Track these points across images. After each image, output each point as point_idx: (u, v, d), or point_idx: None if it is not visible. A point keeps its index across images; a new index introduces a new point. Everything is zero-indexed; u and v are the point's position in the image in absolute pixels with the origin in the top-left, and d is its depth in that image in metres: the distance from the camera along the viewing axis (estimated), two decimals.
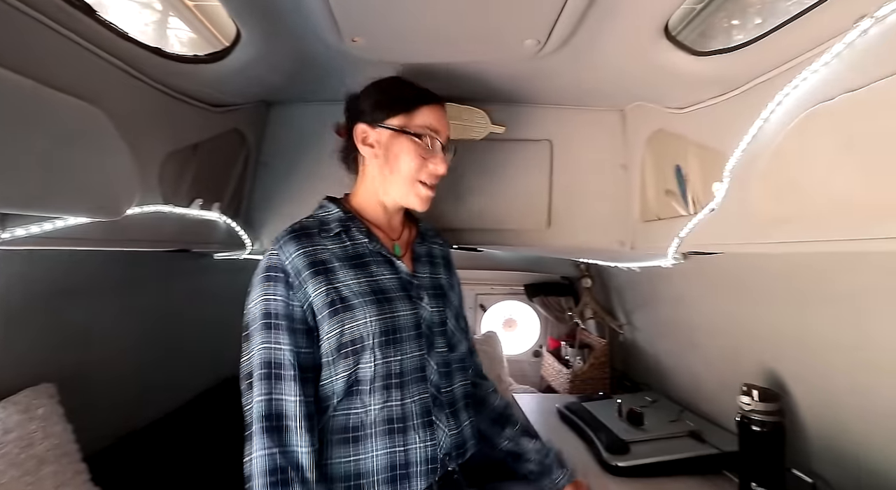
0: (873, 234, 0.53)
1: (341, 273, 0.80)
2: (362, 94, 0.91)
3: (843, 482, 0.94)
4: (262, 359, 0.75)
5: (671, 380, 1.60)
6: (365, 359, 0.78)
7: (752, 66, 0.70)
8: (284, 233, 0.82)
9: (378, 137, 0.86)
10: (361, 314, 0.78)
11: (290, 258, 0.78)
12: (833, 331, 0.90)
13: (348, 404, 0.79)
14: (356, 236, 0.86)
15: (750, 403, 0.99)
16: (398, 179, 0.86)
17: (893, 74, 0.49)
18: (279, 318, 0.76)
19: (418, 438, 0.80)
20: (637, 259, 1.29)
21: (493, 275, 2.27)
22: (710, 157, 0.88)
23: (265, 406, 0.73)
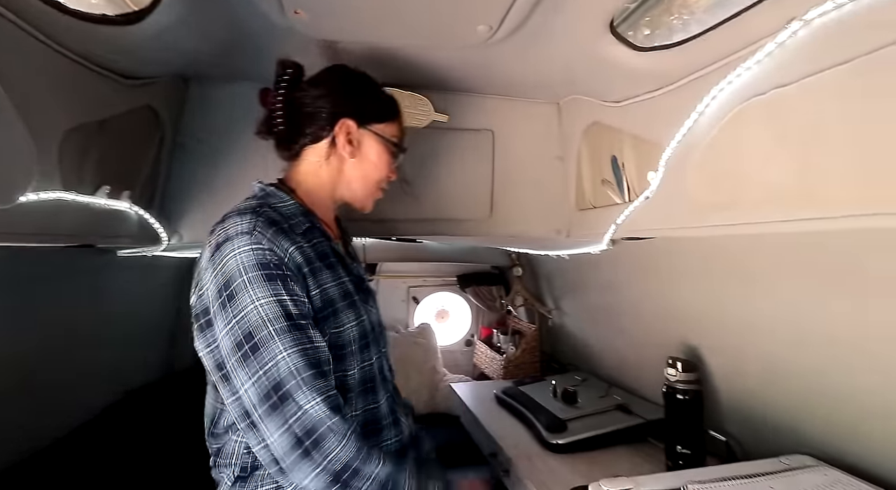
0: (800, 215, 0.61)
1: (323, 274, 0.75)
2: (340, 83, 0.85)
3: (750, 438, 1.07)
4: (307, 359, 0.66)
5: (598, 359, 1.71)
6: (349, 365, 0.75)
7: (689, 63, 0.76)
8: (263, 225, 0.69)
9: (360, 138, 0.84)
10: (345, 319, 0.75)
11: (287, 252, 0.70)
12: (743, 307, 1.02)
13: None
14: (316, 234, 0.80)
15: (675, 374, 1.09)
16: (366, 183, 0.86)
17: (820, 71, 0.56)
18: (303, 316, 0.68)
19: (391, 436, 0.80)
20: (570, 246, 1.35)
21: (425, 267, 2.27)
22: (645, 148, 0.94)
23: (330, 404, 0.66)
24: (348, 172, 0.85)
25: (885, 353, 0.75)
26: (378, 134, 0.86)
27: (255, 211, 0.72)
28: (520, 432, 1.38)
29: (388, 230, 1.18)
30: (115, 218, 0.88)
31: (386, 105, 0.89)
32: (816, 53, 0.56)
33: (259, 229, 0.69)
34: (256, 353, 0.65)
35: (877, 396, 0.78)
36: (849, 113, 0.55)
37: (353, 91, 0.86)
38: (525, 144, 1.25)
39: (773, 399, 1.00)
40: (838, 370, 0.84)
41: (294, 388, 0.64)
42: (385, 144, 0.86)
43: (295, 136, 0.84)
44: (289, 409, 0.63)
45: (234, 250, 0.67)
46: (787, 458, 0.88)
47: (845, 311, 0.79)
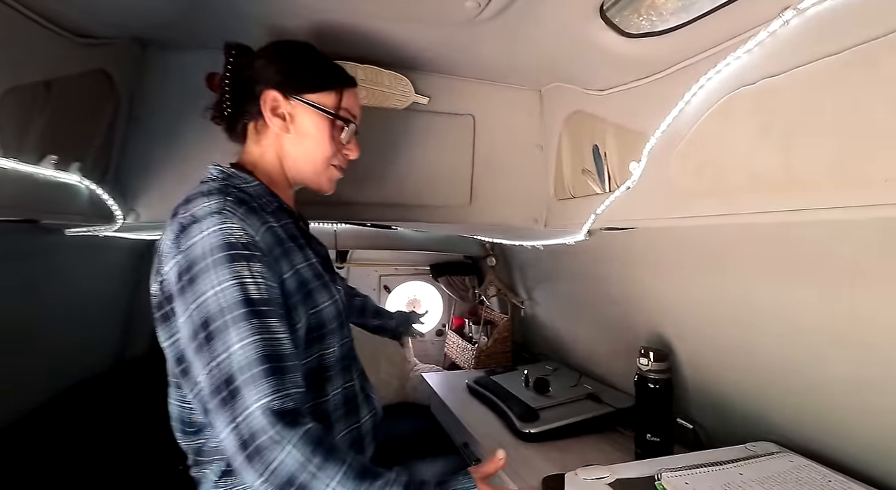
0: (783, 206, 0.61)
1: (295, 255, 0.72)
2: (273, 55, 0.80)
3: (716, 426, 1.10)
4: (262, 352, 0.60)
5: (569, 348, 1.73)
6: (330, 343, 0.74)
7: (678, 50, 0.76)
8: (232, 204, 0.65)
9: (291, 110, 0.78)
10: (320, 298, 0.73)
11: (258, 234, 0.65)
12: (714, 296, 1.04)
13: (312, 395, 0.72)
14: (284, 215, 0.77)
15: (647, 364, 1.10)
16: (311, 161, 0.81)
17: (811, 62, 0.56)
18: (268, 303, 0.62)
19: (365, 411, 0.82)
20: (547, 237, 1.35)
21: (398, 255, 2.22)
22: (628, 138, 0.93)
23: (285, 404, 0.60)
24: (290, 149, 0.80)
25: (853, 344, 0.77)
26: (312, 104, 0.79)
27: (223, 191, 0.67)
28: (492, 422, 1.37)
29: (364, 214, 1.14)
30: (63, 191, 0.80)
31: (325, 74, 0.82)
32: (808, 43, 0.56)
33: (229, 208, 0.64)
34: (211, 342, 0.60)
35: (845, 385, 0.81)
36: (837, 105, 0.55)
37: (284, 61, 0.80)
38: (506, 131, 1.23)
39: (740, 387, 1.03)
40: (806, 360, 0.87)
41: (244, 384, 0.58)
42: (323, 116, 0.79)
43: (237, 115, 0.80)
44: (238, 405, 0.58)
45: (203, 231, 0.63)
46: (753, 445, 0.90)
47: (814, 301, 0.81)
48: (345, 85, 0.83)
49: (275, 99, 0.77)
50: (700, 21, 0.69)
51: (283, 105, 0.78)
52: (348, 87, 0.84)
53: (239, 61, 0.80)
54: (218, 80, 0.81)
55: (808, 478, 0.76)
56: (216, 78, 0.82)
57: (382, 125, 1.11)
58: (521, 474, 1.06)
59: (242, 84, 0.79)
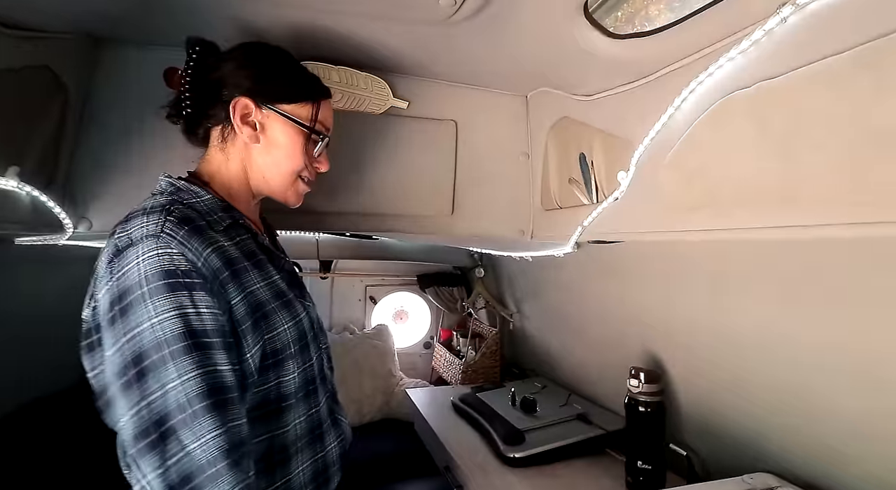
0: (782, 221, 0.55)
1: (250, 275, 0.66)
2: (245, 59, 0.75)
3: (710, 452, 1.04)
4: (202, 388, 0.55)
5: (558, 365, 1.66)
6: (289, 369, 0.68)
7: (668, 52, 0.70)
8: (173, 225, 0.59)
9: (262, 119, 0.74)
10: (278, 321, 0.67)
11: (202, 256, 0.60)
12: (707, 314, 0.98)
13: (268, 426, 0.66)
14: (241, 231, 0.71)
15: (637, 385, 1.04)
16: (279, 173, 0.77)
17: (812, 63, 0.50)
18: (210, 334, 0.57)
19: (332, 438, 0.77)
20: (534, 248, 1.29)
21: (384, 265, 2.16)
22: (616, 146, 0.88)
23: (225, 441, 0.55)
24: (257, 160, 0.75)
25: (852, 369, 0.71)
26: (285, 115, 0.74)
27: (165, 209, 0.61)
28: (476, 444, 1.30)
29: (338, 224, 1.07)
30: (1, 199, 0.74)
31: (301, 84, 0.78)
32: (808, 42, 0.51)
33: (168, 231, 0.59)
34: (142, 380, 0.54)
35: (843, 412, 0.75)
36: (841, 109, 0.50)
37: (258, 67, 0.75)
38: (490, 138, 1.17)
39: (735, 411, 0.97)
40: (802, 384, 0.81)
41: (181, 425, 0.53)
42: (296, 127, 0.75)
43: (199, 118, 0.75)
44: (170, 448, 0.53)
45: (138, 257, 0.57)
46: (750, 478, 0.84)
47: (813, 322, 0.76)
48: (321, 96, 0.79)
49: (246, 106, 0.73)
50: (691, 20, 0.64)
51: (254, 113, 0.73)
52: (324, 98, 0.80)
53: (204, 60, 0.75)
54: (178, 78, 0.76)
55: None
56: (176, 74, 0.77)
57: (359, 130, 1.05)
58: None
59: (208, 86, 0.74)
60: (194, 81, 0.74)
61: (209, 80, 0.74)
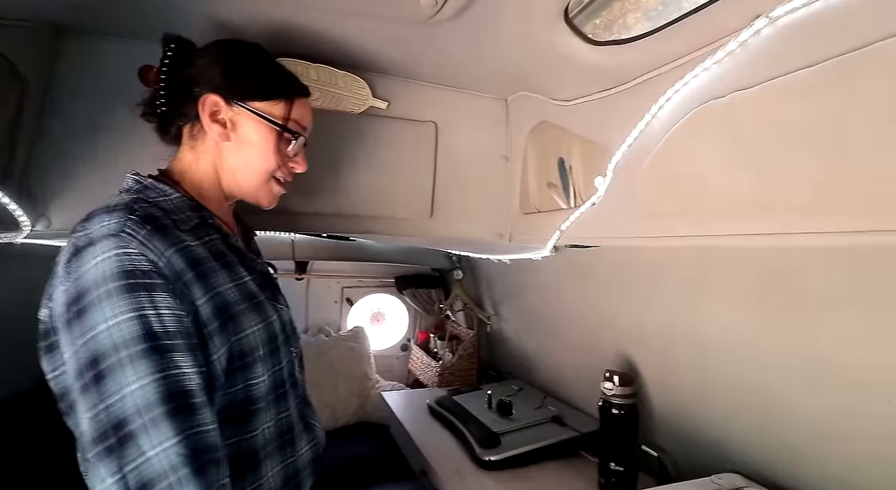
0: (756, 229, 0.56)
1: (217, 276, 0.64)
2: (217, 55, 0.73)
3: (681, 453, 1.06)
4: (161, 393, 0.53)
5: (535, 367, 1.67)
6: (257, 372, 0.66)
7: (646, 60, 0.71)
8: (135, 224, 0.57)
9: (233, 117, 0.71)
10: (247, 323, 0.65)
11: (163, 257, 0.58)
12: (677, 317, 1.00)
13: (236, 430, 0.64)
14: (209, 230, 0.69)
15: (612, 388, 1.05)
16: (250, 173, 0.74)
17: (786, 74, 0.52)
18: (171, 336, 0.55)
19: (304, 443, 0.76)
20: (512, 251, 1.29)
21: (361, 267, 2.13)
22: (594, 151, 0.89)
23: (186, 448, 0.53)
24: (228, 159, 0.73)
25: (816, 372, 0.74)
26: (257, 113, 0.72)
27: (128, 207, 0.59)
28: (452, 447, 1.30)
29: (315, 225, 1.05)
30: None
31: (274, 81, 0.76)
32: (782, 54, 0.52)
33: (129, 230, 0.57)
34: (100, 383, 0.52)
35: (807, 413, 0.78)
36: (812, 121, 0.51)
37: (230, 63, 0.73)
38: (470, 141, 1.17)
39: (705, 413, 0.99)
40: (770, 387, 0.83)
41: (140, 430, 0.51)
42: (268, 126, 0.73)
43: (172, 115, 0.73)
44: (128, 453, 0.51)
45: (97, 257, 0.55)
46: (719, 479, 0.85)
47: (781, 328, 0.78)
48: (296, 94, 0.77)
49: (215, 104, 0.70)
50: (668, 29, 0.65)
51: (224, 111, 0.71)
52: (300, 97, 0.77)
53: (179, 57, 0.73)
54: (154, 75, 0.74)
55: None
56: (151, 72, 0.74)
57: (336, 130, 1.04)
58: None
59: (181, 82, 0.72)
60: (169, 79, 0.72)
61: (182, 77, 0.72)
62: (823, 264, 0.66)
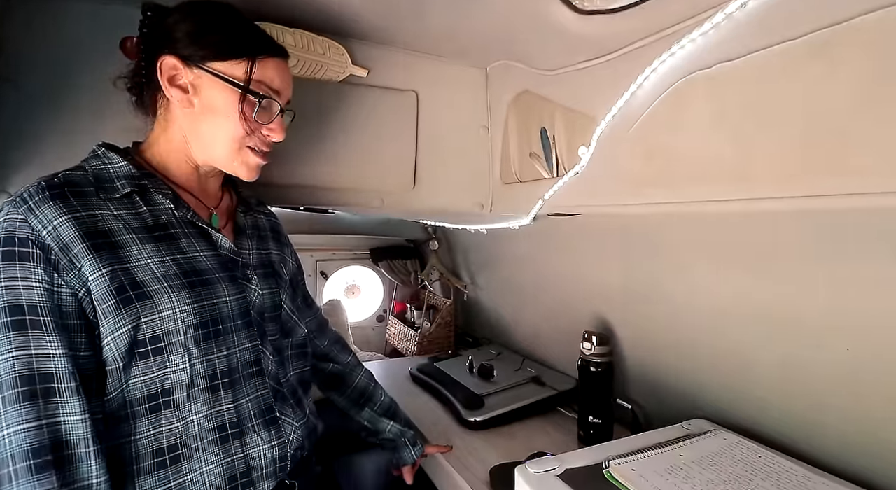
0: (733, 195, 0.60)
1: (134, 249, 0.60)
2: (176, 12, 0.67)
3: (652, 404, 1.15)
4: (17, 373, 0.52)
5: (512, 332, 1.73)
6: (175, 360, 0.61)
7: (632, 30, 0.72)
8: (35, 189, 0.56)
9: (194, 81, 0.66)
10: (166, 303, 0.60)
11: (49, 226, 0.55)
12: (651, 279, 1.06)
13: (156, 421, 0.61)
14: (156, 200, 0.66)
15: (590, 348, 1.12)
16: (219, 142, 0.69)
17: (767, 48, 0.55)
18: (39, 312, 0.53)
19: (261, 440, 0.69)
20: (491, 221, 1.32)
21: (335, 239, 2.11)
22: (578, 121, 0.90)
23: (33, 437, 0.51)
24: (193, 126, 0.69)
25: (774, 325, 0.82)
26: (221, 76, 0.66)
27: (54, 174, 0.60)
28: (436, 411, 1.35)
29: (294, 197, 1.03)
30: None
31: (235, 38, 0.68)
32: (765, 27, 0.55)
33: (26, 195, 0.56)
34: None
35: (767, 364, 0.86)
36: (792, 94, 0.55)
37: (191, 23, 0.67)
38: (451, 111, 1.16)
39: (674, 367, 1.07)
40: (734, 340, 0.91)
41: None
42: (231, 89, 0.67)
43: (145, 85, 0.69)
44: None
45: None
46: (688, 424, 0.93)
47: (744, 286, 0.85)
48: (261, 53, 0.69)
49: (173, 67, 0.65)
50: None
51: (183, 74, 0.66)
52: (267, 56, 0.70)
53: (153, 22, 0.68)
54: (133, 46, 0.69)
55: (741, 454, 0.79)
56: (130, 42, 0.69)
57: (315, 99, 1.00)
58: (466, 465, 1.04)
59: (152, 49, 0.68)
60: (146, 48, 0.68)
61: (153, 43, 0.67)
62: (787, 228, 0.72)
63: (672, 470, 0.74)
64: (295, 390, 0.79)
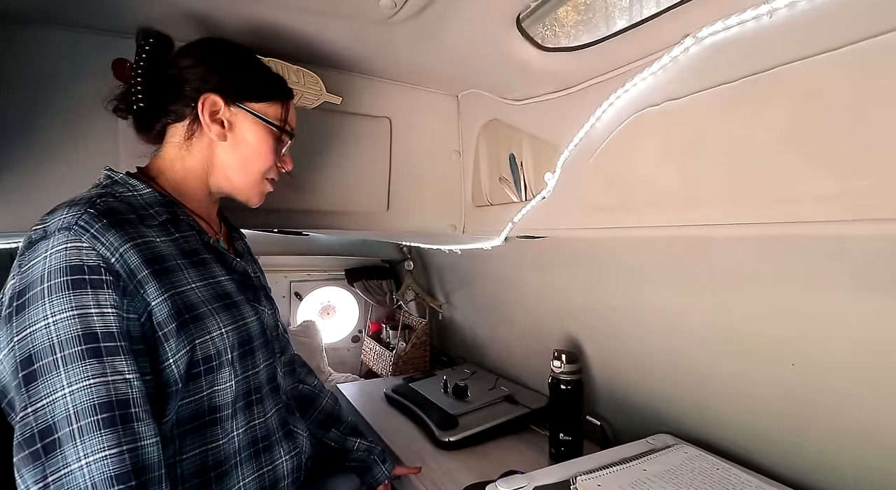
0: (681, 221, 0.65)
1: (182, 274, 0.62)
2: (208, 56, 0.73)
3: (620, 420, 1.18)
4: (95, 400, 0.51)
5: (486, 351, 1.75)
6: (223, 378, 0.64)
7: (590, 67, 0.78)
8: (90, 217, 0.55)
9: (231, 118, 0.72)
10: (214, 324, 0.63)
11: (116, 253, 0.55)
12: (617, 299, 1.11)
13: (203, 439, 0.63)
14: (183, 227, 0.68)
15: (560, 366, 1.15)
16: (246, 172, 0.75)
17: (708, 89, 0.60)
18: (114, 338, 0.53)
19: (283, 451, 0.74)
20: (465, 242, 1.35)
21: (309, 260, 2.10)
22: (543, 149, 0.95)
23: (116, 464, 0.50)
24: (222, 158, 0.73)
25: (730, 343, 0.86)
26: (255, 114, 0.74)
27: (90, 201, 0.58)
28: (411, 432, 1.35)
29: (274, 222, 1.04)
30: None
31: (269, 83, 0.78)
32: (706, 71, 0.61)
33: (83, 223, 0.55)
34: (32, 384, 0.51)
35: (724, 380, 0.90)
36: (728, 130, 0.60)
37: (224, 64, 0.73)
38: (423, 136, 1.20)
39: (640, 384, 1.11)
40: (693, 357, 0.95)
41: (66, 438, 0.50)
42: (265, 127, 0.75)
43: (157, 114, 0.71)
44: (52, 463, 0.49)
45: (47, 251, 0.53)
46: (652, 439, 0.97)
47: (701, 306, 0.90)
48: (288, 96, 0.80)
49: (215, 103, 0.71)
50: (610, 40, 0.72)
51: (223, 111, 0.72)
52: (289, 99, 0.80)
53: (159, 54, 0.72)
54: (128, 70, 0.72)
55: (700, 467, 0.83)
56: (127, 66, 0.73)
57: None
58: (441, 485, 1.04)
59: (166, 81, 0.71)
60: (148, 75, 0.70)
61: (167, 76, 0.71)
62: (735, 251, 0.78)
63: (636, 484, 0.77)
64: (294, 405, 0.85)
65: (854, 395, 0.68)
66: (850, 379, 0.68)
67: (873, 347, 0.64)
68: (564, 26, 0.94)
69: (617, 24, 0.68)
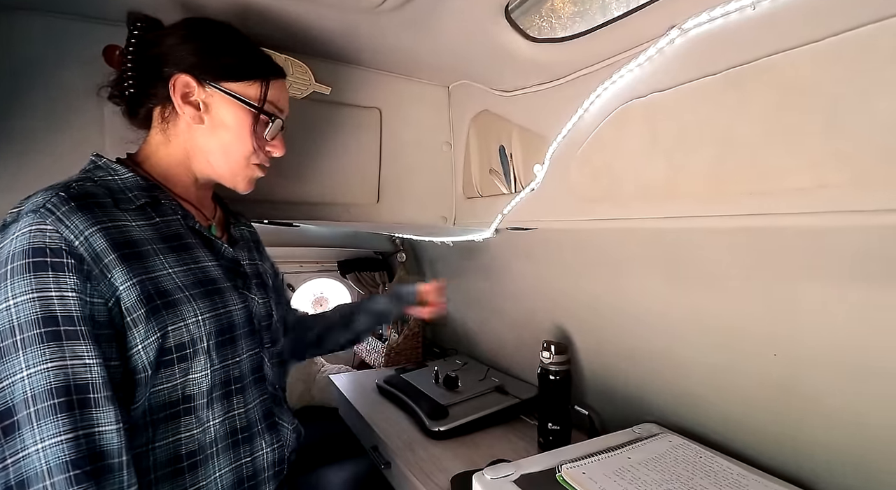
0: (666, 213, 0.66)
1: (156, 259, 0.61)
2: (187, 34, 0.70)
3: (607, 410, 1.19)
4: (52, 384, 0.50)
5: (478, 342, 1.77)
6: (198, 366, 0.62)
7: (577, 59, 0.78)
8: (58, 200, 0.55)
9: (206, 99, 0.69)
10: (189, 312, 0.62)
11: (80, 237, 0.55)
12: (604, 291, 1.11)
13: (176, 428, 0.62)
14: (166, 211, 0.67)
15: (549, 357, 1.16)
16: (227, 157, 0.72)
17: (692, 80, 0.60)
18: (75, 321, 0.53)
19: (265, 443, 0.72)
20: (455, 233, 1.35)
21: (302, 252, 2.10)
22: (532, 140, 0.95)
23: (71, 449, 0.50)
24: (201, 142, 0.71)
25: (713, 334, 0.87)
26: (231, 94, 0.70)
27: (66, 185, 0.58)
28: (402, 422, 1.36)
29: (258, 212, 1.04)
30: None
31: (249, 61, 0.73)
32: (691, 62, 0.61)
33: (50, 206, 0.55)
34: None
35: (706, 369, 0.92)
36: (712, 122, 0.60)
37: (202, 42, 0.70)
38: (414, 127, 1.19)
39: (627, 374, 1.12)
40: (677, 347, 0.97)
41: (24, 421, 0.49)
42: (244, 108, 0.71)
43: (140, 97, 0.70)
44: (11, 445, 0.49)
45: (14, 233, 0.54)
46: (638, 428, 0.98)
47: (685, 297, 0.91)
48: (271, 75, 0.75)
49: (187, 84, 0.68)
50: (597, 32, 0.72)
51: (196, 92, 0.69)
52: (275, 78, 0.75)
53: (146, 36, 0.70)
54: (119, 56, 0.71)
55: (684, 456, 0.84)
56: (117, 52, 0.71)
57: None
58: (430, 475, 1.05)
59: (149, 62, 0.70)
60: (136, 59, 0.69)
61: (149, 57, 0.69)
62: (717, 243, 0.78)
63: (620, 472, 0.78)
64: (283, 396, 0.82)
65: (833, 385, 0.70)
66: (830, 369, 0.69)
67: (853, 339, 0.65)
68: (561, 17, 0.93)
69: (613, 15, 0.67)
